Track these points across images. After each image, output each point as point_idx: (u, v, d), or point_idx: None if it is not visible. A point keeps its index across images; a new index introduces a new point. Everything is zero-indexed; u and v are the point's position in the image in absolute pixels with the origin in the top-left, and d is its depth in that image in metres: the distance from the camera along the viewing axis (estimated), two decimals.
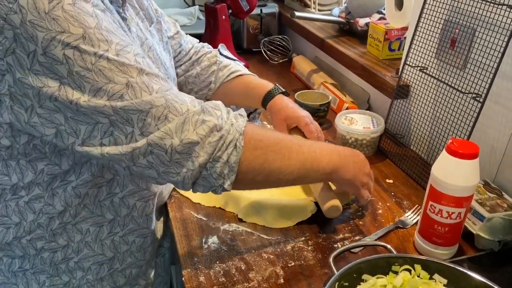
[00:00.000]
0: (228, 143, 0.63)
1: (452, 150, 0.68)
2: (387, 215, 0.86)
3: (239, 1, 1.45)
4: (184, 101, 0.62)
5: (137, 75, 0.59)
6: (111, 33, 0.59)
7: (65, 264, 0.76)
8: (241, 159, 0.64)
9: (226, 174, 0.64)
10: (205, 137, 0.62)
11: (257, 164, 0.66)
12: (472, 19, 0.83)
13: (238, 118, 0.67)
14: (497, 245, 0.75)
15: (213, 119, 0.63)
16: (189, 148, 0.61)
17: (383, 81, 1.07)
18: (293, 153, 0.70)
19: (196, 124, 0.62)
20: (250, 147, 0.66)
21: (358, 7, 1.32)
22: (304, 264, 0.74)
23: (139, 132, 0.60)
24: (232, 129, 0.64)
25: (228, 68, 1.04)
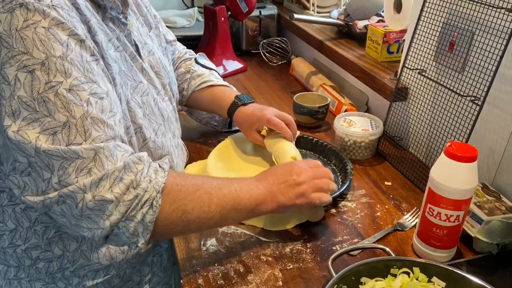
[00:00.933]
0: (144, 202, 0.61)
1: (450, 153, 0.68)
2: (386, 217, 0.86)
3: (238, 3, 1.45)
4: (114, 156, 0.60)
5: (80, 117, 0.57)
6: (75, 66, 0.58)
7: (61, 273, 0.76)
8: (158, 216, 0.62)
9: (141, 232, 0.62)
10: (120, 195, 0.59)
11: (175, 217, 0.64)
12: (470, 22, 0.84)
13: (158, 173, 0.63)
14: (495, 248, 0.75)
15: (131, 176, 0.60)
16: (102, 206, 0.58)
17: (381, 83, 1.07)
18: (213, 198, 0.67)
19: (113, 182, 0.59)
20: (168, 202, 0.63)
21: (357, 10, 1.32)
22: (302, 267, 0.74)
23: (56, 181, 0.57)
24: (149, 187, 0.61)
25: (200, 78, 1.06)
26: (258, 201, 0.71)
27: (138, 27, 0.84)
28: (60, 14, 0.58)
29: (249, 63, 1.62)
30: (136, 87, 0.75)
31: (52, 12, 0.57)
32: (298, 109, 1.16)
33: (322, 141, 1.06)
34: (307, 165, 0.79)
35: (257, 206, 0.72)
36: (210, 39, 1.50)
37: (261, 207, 0.72)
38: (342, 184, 0.92)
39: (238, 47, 1.69)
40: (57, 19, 0.57)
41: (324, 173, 0.80)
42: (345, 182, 0.92)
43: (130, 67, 0.75)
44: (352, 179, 0.93)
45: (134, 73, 0.75)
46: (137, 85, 0.75)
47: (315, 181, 0.76)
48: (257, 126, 0.97)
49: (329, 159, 1.03)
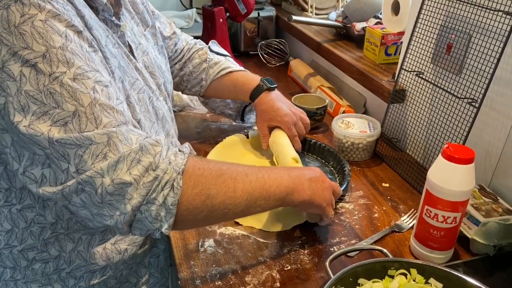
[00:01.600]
0: (164, 183, 0.59)
1: (448, 155, 0.68)
2: (383, 219, 0.86)
3: (237, 4, 1.46)
4: (129, 140, 0.59)
5: (88, 105, 0.57)
6: (76, 55, 0.58)
7: (57, 275, 0.75)
8: (180, 199, 0.60)
9: (163, 216, 0.60)
10: (139, 177, 0.58)
11: (198, 202, 0.62)
12: (468, 24, 0.84)
13: (177, 155, 0.62)
14: (492, 250, 0.75)
15: (150, 158, 0.59)
16: (121, 189, 0.57)
17: (379, 85, 1.08)
18: (238, 184, 0.65)
19: (131, 164, 0.57)
20: (191, 185, 0.61)
21: (355, 12, 1.32)
22: (300, 268, 0.74)
23: (74, 170, 0.57)
24: (169, 168, 0.60)
25: (218, 65, 1.06)
26: (288, 189, 0.70)
27: (132, 27, 0.84)
28: (55, 7, 0.58)
29: (247, 64, 1.62)
30: (134, 84, 0.75)
31: (47, 5, 0.57)
32: None
33: (320, 142, 1.06)
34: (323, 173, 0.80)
35: (288, 195, 0.70)
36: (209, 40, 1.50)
37: (293, 196, 0.71)
38: (340, 186, 0.92)
39: (236, 48, 1.70)
40: (53, 11, 0.57)
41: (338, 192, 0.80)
42: (343, 183, 0.92)
43: (127, 63, 0.75)
44: (349, 181, 0.94)
45: (131, 70, 0.76)
46: (134, 82, 0.75)
47: (332, 197, 0.78)
48: (273, 124, 0.98)
49: (327, 161, 1.04)
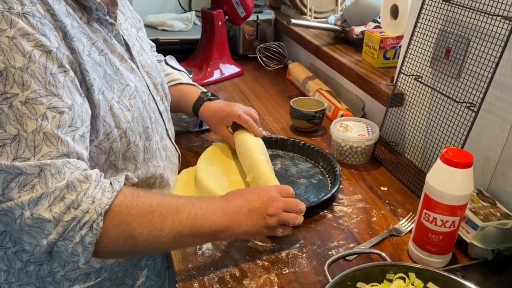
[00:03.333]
0: (82, 224, 0.58)
1: (446, 159, 0.68)
2: (382, 222, 0.86)
3: (236, 8, 1.46)
4: (62, 174, 0.58)
5: (31, 131, 0.56)
6: (35, 78, 0.57)
7: (52, 277, 0.75)
8: (101, 238, 0.60)
9: (80, 253, 0.60)
10: (59, 215, 0.57)
11: (120, 241, 0.62)
12: (466, 29, 0.84)
13: (104, 193, 0.61)
14: (490, 254, 0.75)
15: (73, 195, 0.58)
16: (40, 224, 0.57)
17: (378, 89, 1.08)
18: (167, 222, 0.64)
19: (53, 201, 0.57)
20: (114, 224, 0.61)
21: (353, 15, 1.33)
22: (298, 272, 0.73)
23: (1, 192, 0.56)
24: (91, 208, 0.59)
25: (169, 76, 1.08)
26: (220, 227, 0.69)
27: (127, 27, 0.84)
28: (30, 22, 0.57)
29: (246, 67, 1.62)
30: (124, 90, 0.74)
31: (21, 21, 0.56)
32: (294, 114, 1.16)
33: (309, 144, 1.06)
34: (279, 193, 0.76)
35: (219, 233, 0.69)
36: (207, 43, 1.51)
37: (224, 233, 0.70)
38: (332, 187, 0.92)
39: (235, 51, 1.70)
40: (23, 29, 0.57)
41: (294, 205, 0.76)
42: (335, 184, 0.92)
43: (115, 70, 0.74)
44: (341, 181, 0.94)
45: (120, 76, 0.74)
46: (124, 88, 0.74)
47: (283, 215, 0.74)
48: (227, 121, 0.99)
49: (317, 162, 1.04)
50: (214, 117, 1.01)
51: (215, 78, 1.50)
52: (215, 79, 1.50)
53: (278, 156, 1.07)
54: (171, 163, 0.91)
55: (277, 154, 1.08)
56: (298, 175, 1.00)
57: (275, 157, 1.06)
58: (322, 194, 0.92)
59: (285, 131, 1.19)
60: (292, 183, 0.97)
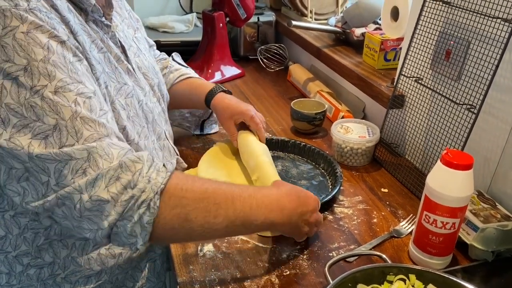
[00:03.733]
0: (140, 202, 0.59)
1: (446, 161, 0.69)
2: (382, 224, 0.86)
3: (237, 9, 1.46)
4: (110, 155, 0.59)
5: (69, 118, 0.57)
6: (58, 67, 0.58)
7: (52, 280, 0.75)
8: (157, 218, 0.61)
9: (139, 233, 0.61)
10: (117, 195, 0.58)
11: (176, 223, 0.62)
12: (467, 31, 0.85)
13: (159, 173, 0.62)
14: (490, 256, 0.75)
15: (129, 175, 0.59)
16: (99, 206, 0.58)
17: (378, 90, 1.08)
18: (221, 210, 0.65)
19: (109, 181, 0.58)
20: (170, 205, 0.61)
21: (354, 17, 1.33)
22: (299, 273, 0.74)
23: (54, 183, 0.57)
24: (147, 187, 0.60)
25: (178, 72, 1.09)
26: (271, 225, 0.71)
27: (123, 29, 0.85)
28: (39, 16, 0.58)
29: (246, 68, 1.63)
30: (120, 89, 0.74)
31: (30, 16, 0.57)
32: (295, 115, 1.17)
33: (310, 145, 1.06)
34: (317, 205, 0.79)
35: (269, 227, 0.72)
36: (208, 45, 1.51)
37: (273, 228, 0.72)
38: (333, 188, 0.93)
39: (236, 53, 1.70)
40: (35, 22, 0.57)
41: (319, 221, 0.80)
42: (335, 185, 0.93)
43: (113, 68, 0.74)
44: (342, 182, 0.94)
45: (118, 75, 0.75)
46: (121, 87, 0.75)
47: (313, 229, 0.78)
48: (237, 118, 0.99)
49: (318, 163, 1.04)
50: (226, 110, 1.00)
51: (216, 79, 1.50)
52: (216, 81, 1.50)
53: (279, 158, 1.07)
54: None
55: (278, 156, 1.08)
56: (299, 177, 1.00)
57: (276, 158, 1.07)
58: (322, 196, 0.92)
59: (286, 132, 1.20)
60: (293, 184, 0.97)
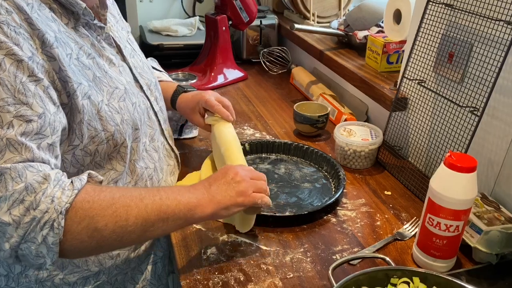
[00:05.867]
0: (43, 224, 0.57)
1: (450, 163, 0.69)
2: (386, 227, 0.86)
3: (239, 13, 1.47)
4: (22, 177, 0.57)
5: None
6: (4, 86, 0.57)
7: (51, 281, 0.75)
8: (64, 237, 0.59)
9: (45, 254, 0.59)
10: (18, 218, 0.56)
11: (85, 236, 0.60)
12: (469, 34, 0.85)
13: (64, 192, 0.60)
14: (494, 258, 0.75)
15: (32, 197, 0.57)
16: (1, 228, 0.57)
17: (381, 93, 1.08)
18: (132, 210, 0.63)
19: (13, 204, 0.56)
20: (76, 221, 0.60)
21: (356, 20, 1.33)
22: (303, 276, 0.74)
23: None
24: (50, 208, 0.58)
25: None
26: (190, 205, 0.67)
27: (118, 29, 0.85)
28: (4, 31, 0.58)
29: (249, 71, 1.63)
30: (113, 93, 0.74)
31: None
32: (298, 118, 1.17)
33: (313, 148, 1.06)
34: (242, 168, 0.76)
35: (190, 212, 0.67)
36: (211, 48, 1.52)
37: (196, 211, 0.68)
38: (336, 191, 0.93)
39: (238, 56, 1.71)
40: None
41: (260, 175, 0.77)
42: (339, 188, 0.93)
43: (104, 73, 0.74)
44: (345, 185, 0.94)
45: (108, 79, 0.75)
46: (113, 91, 0.75)
47: (253, 181, 0.74)
48: (199, 108, 0.98)
49: (321, 166, 1.04)
50: (187, 106, 1.01)
51: (219, 82, 1.50)
52: (219, 84, 1.50)
53: (282, 161, 1.07)
54: (166, 164, 0.91)
55: (281, 159, 1.08)
56: (302, 179, 1.00)
57: (279, 161, 1.07)
58: (326, 199, 0.92)
59: (289, 135, 1.20)
60: (296, 187, 0.97)
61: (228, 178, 0.73)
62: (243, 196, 0.72)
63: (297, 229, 0.84)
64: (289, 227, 0.85)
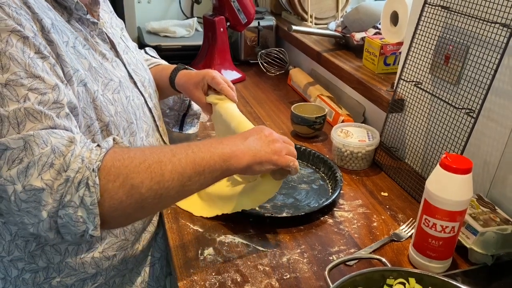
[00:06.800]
0: (77, 184, 0.56)
1: (445, 165, 0.69)
2: (382, 228, 0.86)
3: (237, 14, 1.47)
4: (47, 142, 0.56)
5: (13, 109, 0.55)
6: (14, 61, 0.57)
7: (48, 284, 0.75)
8: (102, 196, 0.57)
9: (86, 218, 0.57)
10: (51, 182, 0.55)
11: (123, 195, 0.58)
12: (465, 36, 0.85)
13: (92, 151, 0.58)
14: (490, 259, 0.75)
15: (61, 159, 0.56)
16: (35, 196, 0.55)
17: (378, 95, 1.09)
18: (166, 165, 0.61)
19: (42, 168, 0.55)
20: (111, 179, 0.58)
21: (354, 22, 1.34)
22: (299, 277, 0.74)
23: None
24: (82, 167, 0.56)
25: (149, 61, 1.08)
26: (224, 156, 0.65)
27: (111, 26, 0.85)
28: (6, 11, 0.58)
29: (247, 73, 1.63)
30: (108, 84, 0.74)
31: None
32: (295, 119, 1.17)
33: (310, 149, 1.07)
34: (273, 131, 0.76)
35: (226, 162, 0.65)
36: (209, 49, 1.52)
37: (231, 162, 0.66)
38: (333, 192, 0.93)
39: (236, 57, 1.71)
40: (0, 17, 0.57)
41: (290, 141, 0.76)
42: (335, 189, 0.93)
43: (99, 64, 0.74)
44: (342, 186, 0.94)
45: (104, 70, 0.75)
46: (108, 82, 0.74)
47: (286, 144, 0.74)
48: (202, 84, 0.95)
49: (318, 167, 1.04)
50: (189, 81, 0.97)
51: None
52: None
53: None
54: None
55: None
56: (299, 181, 1.00)
57: None
58: (323, 200, 0.92)
59: (286, 136, 1.19)
60: (293, 188, 0.97)
61: (263, 135, 0.72)
62: (277, 155, 0.71)
63: (294, 230, 0.85)
64: (286, 228, 0.85)
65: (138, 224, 0.82)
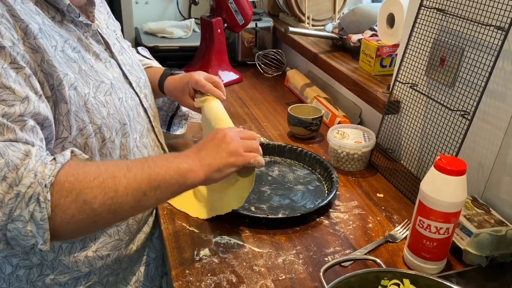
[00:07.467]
0: (28, 199, 0.55)
1: (440, 166, 0.69)
2: (377, 229, 0.87)
3: (235, 15, 1.48)
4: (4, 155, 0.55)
5: None
6: None
7: (42, 282, 0.75)
8: (53, 212, 0.56)
9: (36, 233, 0.56)
10: (2, 195, 0.54)
11: (75, 210, 0.58)
12: (461, 39, 0.86)
13: (47, 165, 0.57)
14: (484, 261, 0.76)
15: (14, 173, 0.55)
16: None
17: (374, 96, 1.09)
18: (120, 181, 0.60)
19: None
20: (63, 194, 0.57)
21: (351, 24, 1.34)
22: (294, 277, 0.74)
23: None
24: (34, 182, 0.55)
25: (143, 62, 1.08)
26: (180, 171, 0.65)
27: (107, 26, 0.86)
28: None
29: (244, 74, 1.64)
30: (99, 86, 0.74)
31: None
32: (292, 121, 1.17)
33: (306, 150, 1.07)
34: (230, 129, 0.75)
35: (182, 177, 0.65)
36: (207, 50, 1.52)
37: (188, 176, 0.66)
38: (329, 193, 0.93)
39: (234, 58, 1.71)
40: None
41: (250, 134, 0.75)
42: (331, 190, 0.93)
43: (90, 67, 0.74)
44: (338, 188, 0.95)
45: (94, 73, 0.74)
46: (99, 85, 0.74)
47: (244, 140, 0.73)
48: (188, 89, 0.96)
49: (314, 168, 1.05)
50: (175, 88, 0.98)
51: None
52: None
53: (276, 163, 1.08)
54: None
55: (274, 161, 1.09)
56: (295, 182, 1.00)
57: (273, 163, 1.07)
58: (318, 201, 0.93)
59: (283, 137, 1.20)
60: (289, 189, 0.98)
61: (216, 140, 0.71)
62: (235, 156, 0.70)
63: (289, 231, 0.85)
64: (281, 229, 0.85)
65: (133, 225, 0.82)
